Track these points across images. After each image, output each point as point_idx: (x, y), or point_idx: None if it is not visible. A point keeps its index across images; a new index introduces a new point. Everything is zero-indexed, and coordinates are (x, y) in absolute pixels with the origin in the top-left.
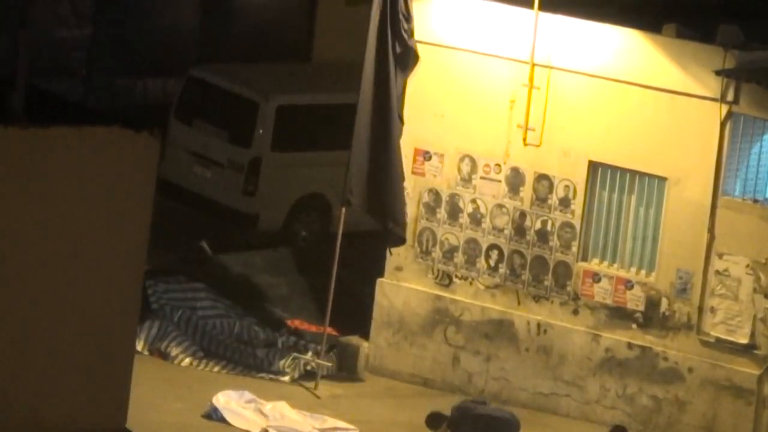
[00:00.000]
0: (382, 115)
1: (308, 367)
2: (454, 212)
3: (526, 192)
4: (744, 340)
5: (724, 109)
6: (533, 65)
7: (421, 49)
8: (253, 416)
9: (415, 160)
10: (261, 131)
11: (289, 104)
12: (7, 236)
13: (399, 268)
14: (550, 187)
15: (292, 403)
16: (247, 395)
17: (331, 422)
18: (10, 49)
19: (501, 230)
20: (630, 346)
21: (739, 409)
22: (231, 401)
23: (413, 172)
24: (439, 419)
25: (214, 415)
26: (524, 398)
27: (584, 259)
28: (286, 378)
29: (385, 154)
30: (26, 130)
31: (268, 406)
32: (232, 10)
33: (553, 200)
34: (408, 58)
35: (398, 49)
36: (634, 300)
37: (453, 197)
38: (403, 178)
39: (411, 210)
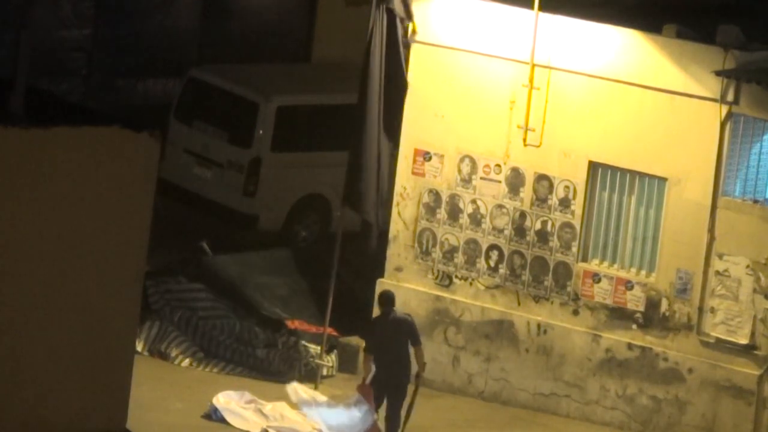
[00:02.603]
0: (378, 118)
1: (308, 368)
2: (454, 213)
3: (526, 192)
4: (744, 341)
5: (724, 109)
6: (533, 66)
7: (421, 49)
8: (253, 417)
9: (415, 161)
10: (261, 132)
11: (289, 105)
12: (6, 236)
13: (399, 269)
14: (550, 188)
15: (292, 403)
16: (247, 396)
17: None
18: (10, 50)
19: (501, 231)
20: (630, 346)
21: (739, 410)
22: (231, 401)
23: (413, 173)
24: (388, 300)
25: (214, 415)
26: (524, 399)
27: (584, 259)
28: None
29: (379, 156)
30: (26, 130)
31: (268, 407)
32: (232, 11)
33: (553, 201)
34: (401, 64)
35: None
36: (634, 300)
37: (453, 198)
38: (387, 179)
39: (411, 210)
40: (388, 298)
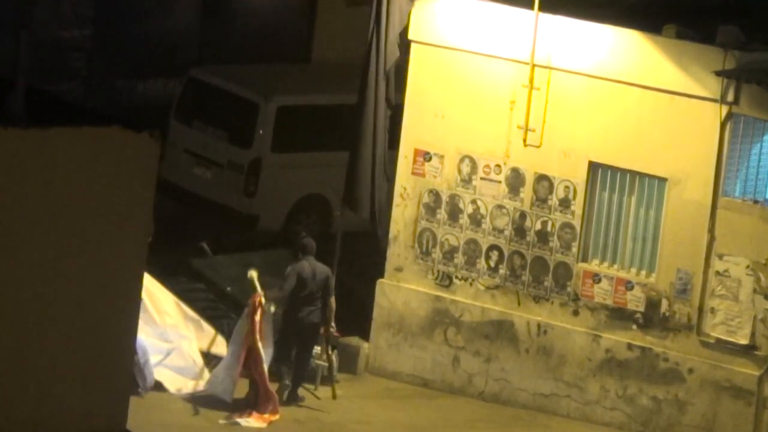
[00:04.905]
0: (375, 118)
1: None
2: (454, 213)
3: (526, 193)
4: (744, 341)
5: (724, 109)
6: (533, 66)
7: (421, 49)
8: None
9: (415, 161)
10: (261, 132)
11: (289, 105)
12: (6, 237)
13: (399, 269)
14: (550, 188)
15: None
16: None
17: None
18: (10, 50)
19: (501, 231)
20: (630, 346)
21: (739, 410)
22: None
23: (413, 173)
24: (310, 249)
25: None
26: (524, 399)
27: (584, 259)
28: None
29: (374, 156)
30: (26, 130)
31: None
32: (232, 11)
33: (553, 201)
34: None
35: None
36: (634, 301)
37: (453, 198)
38: (384, 180)
39: (411, 211)
40: (309, 247)
